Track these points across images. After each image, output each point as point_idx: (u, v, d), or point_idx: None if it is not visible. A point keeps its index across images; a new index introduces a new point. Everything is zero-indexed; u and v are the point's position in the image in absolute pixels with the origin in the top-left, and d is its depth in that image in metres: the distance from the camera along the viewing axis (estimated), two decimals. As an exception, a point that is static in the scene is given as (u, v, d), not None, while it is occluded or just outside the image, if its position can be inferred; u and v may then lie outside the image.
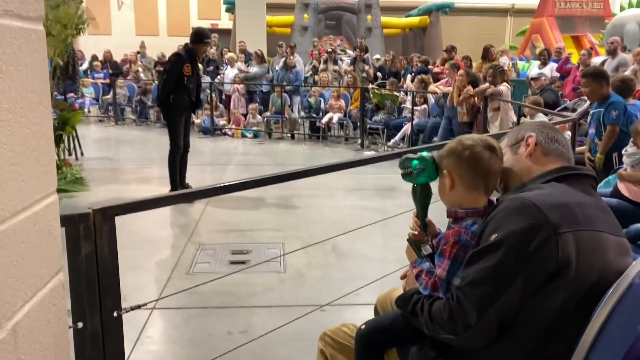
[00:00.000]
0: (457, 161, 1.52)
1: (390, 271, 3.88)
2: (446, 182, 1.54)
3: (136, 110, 12.48)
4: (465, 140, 1.54)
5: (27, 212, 0.74)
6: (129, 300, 3.63)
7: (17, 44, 0.73)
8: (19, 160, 0.73)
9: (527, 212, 1.28)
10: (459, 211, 1.54)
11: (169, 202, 1.54)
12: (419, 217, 1.67)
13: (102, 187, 6.33)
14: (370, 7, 16.63)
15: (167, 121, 6.08)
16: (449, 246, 1.49)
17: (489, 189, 1.55)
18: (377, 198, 6.10)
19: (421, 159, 1.59)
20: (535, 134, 1.53)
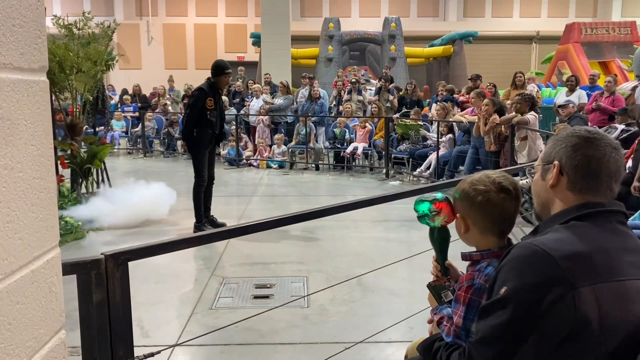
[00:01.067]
0: (469, 206, 1.45)
1: (417, 307, 3.77)
2: (461, 226, 1.48)
3: (164, 142, 12.69)
4: (477, 183, 1.45)
5: (24, 270, 0.71)
6: (152, 336, 3.62)
7: (16, 97, 0.71)
8: (15, 218, 0.70)
9: (539, 264, 1.14)
10: (474, 254, 1.47)
11: (184, 245, 1.51)
12: (438, 261, 1.60)
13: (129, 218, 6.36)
14: (393, 37, 16.75)
15: (192, 154, 6.13)
16: (462, 291, 1.42)
17: (505, 232, 1.48)
18: (403, 229, 6.00)
19: (435, 201, 1.53)
20: (564, 160, 1.29)
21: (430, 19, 23.27)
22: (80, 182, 7.12)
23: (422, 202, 1.57)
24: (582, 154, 1.28)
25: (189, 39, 22.98)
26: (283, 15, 14.59)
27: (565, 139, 1.33)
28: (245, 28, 22.14)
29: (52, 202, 0.79)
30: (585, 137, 1.29)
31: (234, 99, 12.68)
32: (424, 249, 3.81)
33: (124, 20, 21.13)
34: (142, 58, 22.71)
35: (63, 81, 6.72)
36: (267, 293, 4.23)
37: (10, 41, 0.69)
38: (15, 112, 0.70)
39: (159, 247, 1.38)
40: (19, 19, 0.71)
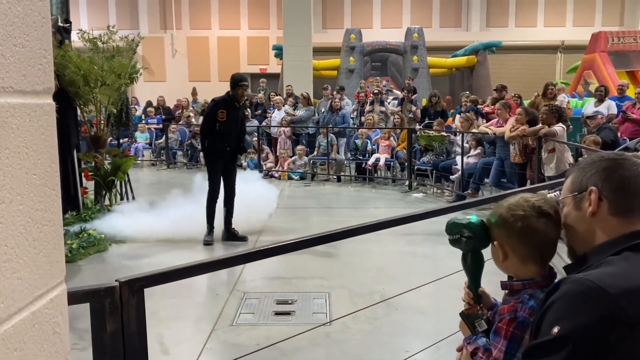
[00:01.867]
0: (508, 234, 1.35)
1: (443, 326, 3.65)
2: (499, 254, 1.38)
3: (187, 154, 12.77)
4: (516, 208, 1.35)
5: (23, 313, 0.65)
6: (172, 353, 3.57)
7: (17, 123, 0.65)
8: (14, 256, 0.64)
9: (595, 301, 1.04)
10: (515, 283, 1.37)
11: (200, 271, 1.44)
12: (471, 287, 1.50)
13: (151, 230, 6.35)
14: (416, 48, 16.65)
15: (206, 165, 6.19)
16: (504, 324, 1.32)
17: (547, 259, 1.37)
18: (428, 243, 5.86)
19: (470, 225, 1.43)
20: (600, 184, 1.21)
21: (453, 29, 23.11)
22: (103, 194, 7.16)
23: (455, 224, 1.48)
24: (618, 175, 1.20)
25: (212, 52, 23.23)
26: (305, 27, 14.64)
27: (594, 165, 1.26)
28: (268, 40, 22.29)
29: (58, 235, 0.73)
30: (614, 160, 1.24)
31: (255, 111, 12.72)
32: (450, 265, 3.70)
33: (149, 34, 21.46)
34: (167, 70, 23.02)
35: (88, 94, 6.78)
36: (288, 309, 4.15)
37: (11, 62, 0.63)
38: (14, 139, 0.64)
39: (175, 273, 1.32)
40: (21, 38, 0.65)
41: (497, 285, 1.57)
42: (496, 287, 1.63)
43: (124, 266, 5.27)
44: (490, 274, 1.60)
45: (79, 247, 5.48)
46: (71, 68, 6.45)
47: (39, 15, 0.67)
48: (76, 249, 5.43)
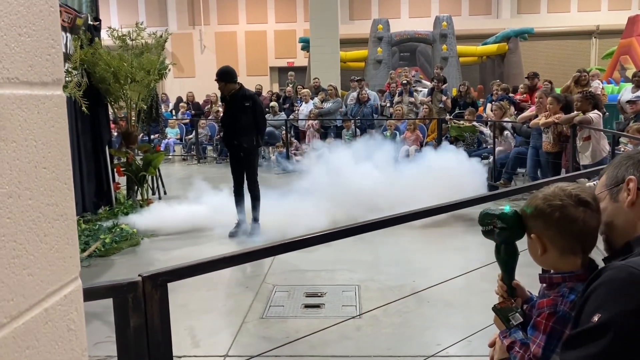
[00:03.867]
0: (545, 225, 1.28)
1: (474, 320, 3.57)
2: (537, 247, 1.32)
3: (216, 148, 12.87)
4: (552, 198, 1.29)
5: (35, 310, 0.64)
6: (203, 346, 3.59)
7: (23, 115, 0.63)
8: (24, 252, 0.62)
9: (637, 287, 1.00)
10: (554, 276, 1.31)
11: (223, 265, 1.43)
12: (505, 280, 1.45)
13: (182, 224, 6.42)
14: (445, 37, 16.37)
15: None
16: (543, 318, 1.26)
17: (587, 250, 1.31)
18: (459, 235, 5.76)
19: (503, 215, 1.37)
20: (638, 174, 1.21)
21: (483, 16, 22.64)
22: (135, 190, 7.27)
23: (488, 215, 1.42)
24: None
25: (240, 46, 23.33)
26: (332, 19, 14.54)
27: (629, 158, 1.26)
28: (295, 33, 22.25)
29: (70, 229, 0.71)
30: None
31: (283, 104, 12.72)
32: (481, 258, 3.62)
33: (178, 30, 21.69)
34: (196, 66, 23.23)
35: (118, 91, 6.88)
36: (318, 302, 4.14)
37: (16, 52, 0.61)
38: (21, 132, 0.62)
39: (198, 267, 1.30)
40: (27, 27, 0.63)
41: (532, 278, 1.51)
42: (530, 279, 1.57)
43: (156, 260, 5.35)
44: (524, 265, 1.53)
45: (112, 241, 5.57)
46: (101, 65, 6.54)
47: (46, 4, 0.65)
48: (109, 243, 5.52)
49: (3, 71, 0.59)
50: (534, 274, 1.43)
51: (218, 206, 6.74)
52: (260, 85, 14.26)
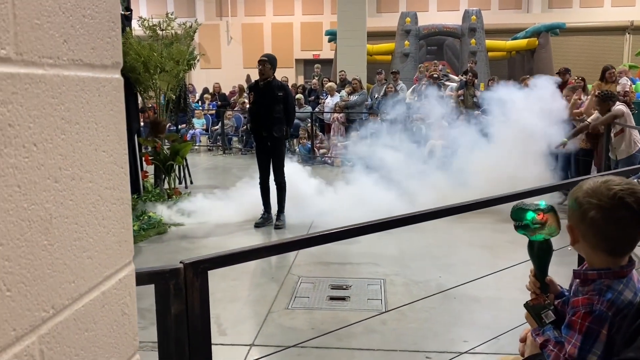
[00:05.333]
0: (580, 219, 1.24)
1: (502, 317, 3.53)
2: (570, 235, 1.29)
3: (242, 139, 12.94)
4: (593, 194, 1.23)
5: (94, 293, 0.64)
6: (229, 334, 3.62)
7: (86, 97, 0.63)
8: (84, 234, 0.62)
9: None
10: (589, 273, 1.27)
11: (264, 254, 1.43)
12: (537, 276, 1.41)
13: (208, 213, 6.47)
14: (474, 30, 16.12)
15: None
16: (579, 318, 1.22)
17: (622, 254, 1.25)
18: (487, 230, 5.69)
19: (539, 211, 1.33)
20: None
21: (513, 11, 22.22)
22: (163, 178, 7.35)
23: (522, 210, 1.38)
24: None
25: (267, 38, 23.34)
26: (359, 11, 14.44)
27: None
28: (321, 26, 22.16)
29: (126, 213, 0.71)
30: None
31: (309, 97, 12.70)
32: (510, 255, 3.56)
33: (205, 21, 21.78)
34: (222, 57, 23.33)
35: (147, 80, 6.95)
36: (343, 295, 4.14)
37: (80, 34, 0.61)
38: (84, 114, 0.62)
39: (239, 255, 1.30)
40: (90, 9, 0.63)
41: (562, 275, 1.47)
42: (561, 277, 1.53)
43: (182, 248, 5.40)
44: (557, 264, 1.50)
45: (139, 229, 5.65)
46: (132, 55, 6.61)
47: (108, -14, 0.65)
48: (137, 230, 5.60)
49: (68, 52, 0.59)
50: (564, 269, 1.40)
51: (244, 196, 6.78)
52: (285, 77, 14.25)
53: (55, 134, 0.56)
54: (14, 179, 0.50)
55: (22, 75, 0.51)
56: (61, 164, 0.57)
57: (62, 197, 0.58)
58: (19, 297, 0.51)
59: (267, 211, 6.12)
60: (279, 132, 5.91)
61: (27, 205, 0.52)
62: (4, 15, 0.49)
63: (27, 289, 0.52)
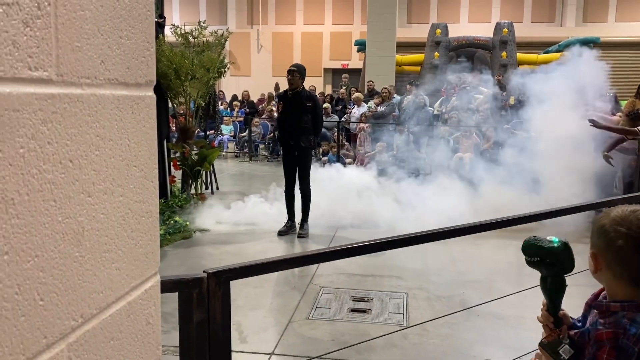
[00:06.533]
0: (605, 247, 1.21)
1: (526, 337, 3.47)
2: (592, 264, 1.25)
3: (268, 147, 13.05)
4: (621, 222, 1.20)
5: (120, 303, 0.66)
6: (250, 342, 3.64)
7: (120, 115, 0.65)
8: (113, 246, 0.65)
9: None
10: (612, 305, 1.23)
11: (285, 265, 1.44)
12: (550, 311, 1.37)
13: (233, 220, 6.53)
14: (505, 43, 15.97)
15: None
16: (605, 353, 1.18)
17: None
18: (512, 247, 5.60)
19: (553, 250, 1.29)
20: None
21: (545, 24, 21.96)
22: (190, 184, 7.45)
23: (533, 246, 1.35)
24: None
25: (296, 47, 23.53)
26: (389, 22, 14.46)
27: None
28: (351, 35, 22.26)
29: (154, 226, 0.74)
30: None
31: (336, 106, 12.74)
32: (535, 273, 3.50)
33: (236, 29, 22.08)
34: (252, 65, 23.59)
35: (178, 87, 7.08)
36: (364, 307, 4.12)
37: (117, 54, 0.64)
38: (118, 131, 0.65)
39: (261, 267, 1.32)
40: (127, 31, 0.66)
41: (573, 306, 1.43)
42: (572, 307, 1.49)
43: (206, 253, 5.47)
44: (569, 297, 1.47)
45: (165, 233, 5.73)
46: (164, 61, 6.74)
47: (144, 7, 0.68)
48: (163, 235, 5.68)
49: (105, 72, 0.61)
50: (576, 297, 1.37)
51: (268, 204, 6.84)
52: (313, 86, 14.35)
53: (90, 151, 0.59)
54: (51, 194, 0.53)
55: (62, 95, 0.54)
56: (95, 179, 0.60)
57: (94, 210, 0.60)
58: (51, 306, 0.53)
59: (291, 220, 6.15)
60: (307, 142, 5.95)
61: (62, 218, 0.55)
62: (47, 39, 0.51)
63: (58, 299, 0.55)
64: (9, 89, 0.47)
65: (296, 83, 5.88)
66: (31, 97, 0.50)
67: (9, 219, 0.47)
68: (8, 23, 0.47)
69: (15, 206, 0.48)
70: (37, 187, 0.51)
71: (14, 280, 0.48)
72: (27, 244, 0.50)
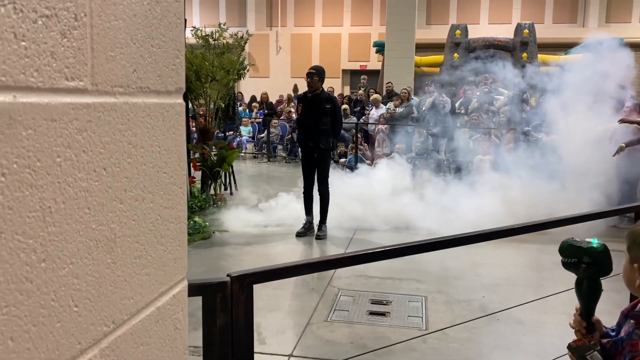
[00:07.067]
0: None
1: (547, 343, 3.43)
2: (634, 276, 1.23)
3: (286, 148, 13.08)
4: None
5: (149, 308, 0.67)
6: (268, 343, 3.65)
7: (152, 122, 0.66)
8: (144, 252, 0.66)
9: None
10: None
11: (308, 270, 1.44)
12: (584, 316, 1.35)
13: (251, 220, 6.56)
14: (526, 44, 15.79)
15: None
16: None
17: None
18: (533, 252, 5.54)
19: (592, 250, 1.27)
20: None
21: (567, 25, 21.65)
22: (209, 184, 7.51)
23: (572, 247, 1.33)
24: None
25: (315, 48, 23.56)
26: (409, 23, 14.40)
27: None
28: (369, 37, 22.21)
29: (182, 232, 0.74)
30: None
31: (354, 107, 12.72)
32: (557, 278, 3.45)
33: (255, 31, 22.17)
34: (270, 67, 23.68)
35: (199, 88, 7.14)
36: (383, 310, 4.11)
37: (148, 63, 0.65)
38: (149, 138, 0.65)
39: (284, 271, 1.32)
40: (159, 39, 0.67)
41: (598, 310, 1.40)
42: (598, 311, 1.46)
43: (226, 254, 5.50)
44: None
45: (185, 233, 5.78)
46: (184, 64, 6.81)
47: (175, 16, 0.68)
48: (183, 235, 5.73)
49: (137, 81, 0.62)
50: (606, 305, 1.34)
51: (287, 205, 6.85)
52: (331, 87, 14.35)
53: (122, 158, 0.60)
54: (85, 202, 0.54)
55: (97, 104, 0.55)
56: (126, 186, 0.61)
57: (125, 217, 0.61)
58: (84, 312, 0.54)
59: (309, 221, 6.16)
60: (326, 144, 5.95)
61: (95, 225, 0.56)
62: (83, 49, 0.52)
63: (91, 305, 0.55)
64: (47, 99, 0.48)
65: (315, 85, 5.89)
66: (67, 106, 0.51)
67: (46, 227, 0.48)
68: (47, 35, 0.48)
69: (52, 214, 0.49)
70: (72, 195, 0.52)
71: (51, 287, 0.49)
72: (63, 251, 0.51)
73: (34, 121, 0.47)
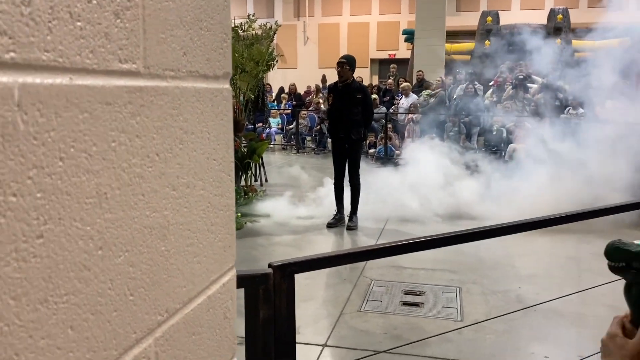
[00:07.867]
0: None
1: (586, 336, 3.34)
2: None
3: (315, 139, 13.07)
4: None
5: (201, 297, 0.66)
6: (303, 333, 3.66)
7: (201, 108, 0.65)
8: (195, 240, 0.64)
9: None
10: None
11: (349, 260, 1.42)
12: (634, 323, 1.27)
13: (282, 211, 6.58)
14: (560, 30, 15.38)
15: None
16: None
17: None
18: (571, 242, 5.40)
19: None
20: None
21: (603, 9, 20.97)
22: (240, 176, 7.55)
23: (620, 250, 1.25)
24: None
25: (342, 38, 23.42)
26: (439, 10, 14.16)
27: None
28: (398, 25, 21.96)
29: (231, 219, 0.73)
30: None
31: (383, 97, 12.61)
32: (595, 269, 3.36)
33: (283, 22, 22.15)
34: (298, 58, 23.65)
35: (228, 80, 7.16)
36: (416, 301, 4.07)
37: (197, 46, 0.63)
38: (199, 124, 0.64)
39: (325, 260, 1.31)
40: (207, 22, 0.65)
41: None
42: None
43: (258, 244, 5.53)
44: None
45: (217, 224, 5.83)
46: (215, 56, 6.83)
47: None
48: (215, 226, 5.78)
49: (187, 64, 0.61)
50: None
51: (317, 196, 6.85)
52: (360, 77, 14.24)
53: (174, 144, 0.58)
54: (140, 188, 0.53)
55: (149, 88, 0.54)
56: (179, 173, 0.60)
57: (178, 204, 0.60)
58: (139, 301, 0.53)
59: (340, 212, 6.14)
60: (357, 134, 5.90)
61: (149, 213, 0.54)
62: (135, 31, 0.51)
63: (146, 294, 0.54)
64: (102, 81, 0.47)
65: (346, 75, 5.83)
66: (121, 89, 0.50)
67: (102, 214, 0.47)
68: (101, 15, 0.47)
69: (108, 200, 0.48)
70: (127, 181, 0.50)
71: (107, 275, 0.48)
72: (119, 238, 0.50)
73: (89, 104, 0.45)
